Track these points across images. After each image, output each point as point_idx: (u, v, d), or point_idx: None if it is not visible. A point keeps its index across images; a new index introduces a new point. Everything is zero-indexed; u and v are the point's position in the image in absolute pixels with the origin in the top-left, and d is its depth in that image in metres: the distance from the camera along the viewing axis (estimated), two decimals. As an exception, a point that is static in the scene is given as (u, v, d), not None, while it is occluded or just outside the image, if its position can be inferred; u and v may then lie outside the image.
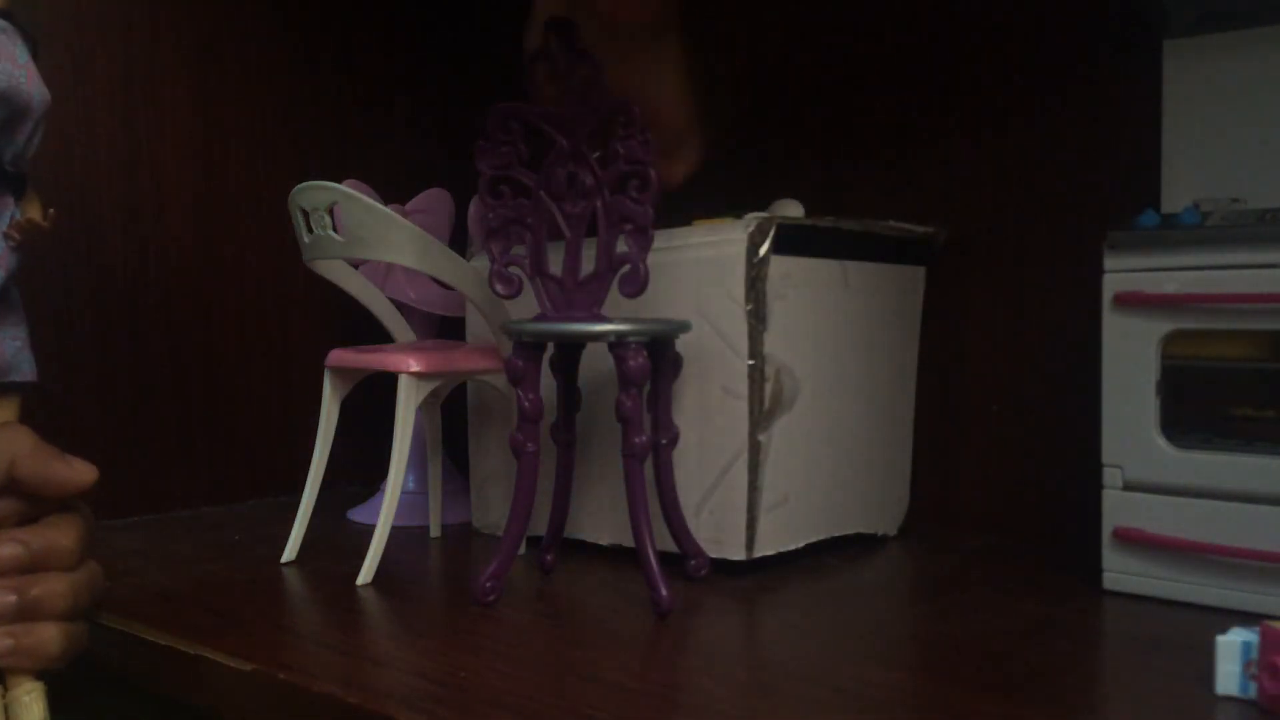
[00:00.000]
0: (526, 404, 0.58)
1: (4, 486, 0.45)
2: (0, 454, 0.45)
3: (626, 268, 0.56)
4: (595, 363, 0.63)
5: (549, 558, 0.64)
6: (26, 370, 0.52)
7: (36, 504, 0.46)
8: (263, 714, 0.48)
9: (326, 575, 0.65)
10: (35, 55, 0.51)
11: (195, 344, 0.86)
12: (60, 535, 0.46)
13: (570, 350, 0.62)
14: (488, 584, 0.57)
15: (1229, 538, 0.54)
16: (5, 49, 0.49)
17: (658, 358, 0.59)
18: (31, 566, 0.45)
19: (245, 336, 0.89)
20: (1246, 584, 0.53)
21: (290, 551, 0.68)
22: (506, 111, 0.58)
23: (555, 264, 0.59)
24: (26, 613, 0.45)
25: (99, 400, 0.80)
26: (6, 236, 0.49)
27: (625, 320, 0.57)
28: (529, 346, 0.58)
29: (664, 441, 0.60)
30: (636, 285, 0.55)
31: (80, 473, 0.46)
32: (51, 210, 0.51)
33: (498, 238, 0.59)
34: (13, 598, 0.44)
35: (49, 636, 0.45)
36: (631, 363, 0.55)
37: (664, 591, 0.54)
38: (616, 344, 0.56)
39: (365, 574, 0.62)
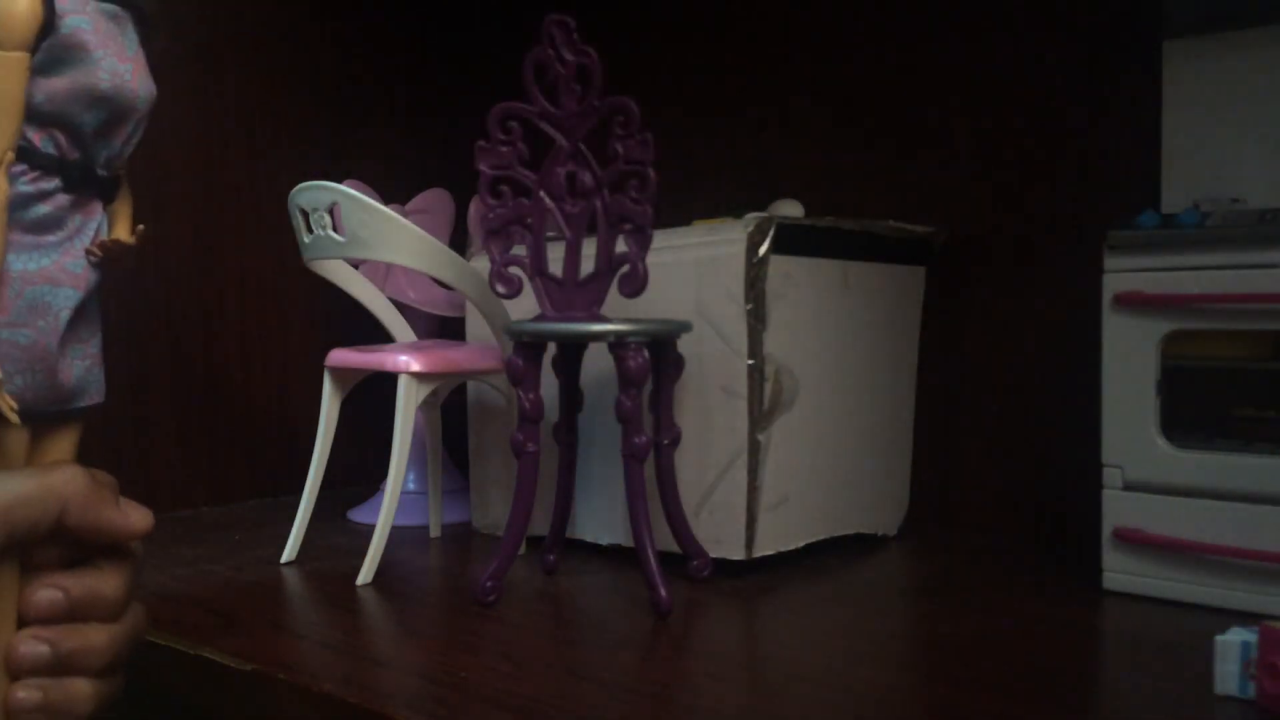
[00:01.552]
0: (527, 404, 0.58)
1: (53, 533, 0.41)
2: (51, 499, 0.40)
3: (626, 267, 0.56)
4: (598, 363, 0.63)
5: (552, 557, 0.64)
6: (94, 392, 0.47)
7: (83, 546, 0.42)
8: (263, 714, 0.48)
9: (326, 575, 0.65)
10: (147, 39, 0.45)
11: (195, 344, 0.86)
12: (104, 583, 0.42)
13: (572, 350, 0.62)
14: (488, 584, 0.57)
15: (1229, 538, 0.53)
16: (113, 40, 0.43)
17: (659, 358, 0.59)
18: (71, 616, 0.41)
19: (245, 336, 0.89)
20: (1246, 584, 0.53)
21: (290, 551, 0.68)
22: (506, 111, 0.58)
23: (555, 264, 0.59)
24: (60, 667, 0.41)
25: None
26: (88, 254, 0.44)
27: (625, 320, 0.57)
28: (529, 346, 0.58)
29: (665, 441, 0.60)
30: (636, 285, 0.55)
31: (133, 521, 0.42)
32: (140, 227, 0.46)
33: (498, 238, 0.59)
34: (45, 649, 0.40)
35: (80, 694, 0.41)
36: (631, 363, 0.55)
37: (663, 592, 0.54)
38: (616, 344, 0.56)
39: (365, 574, 0.62)
